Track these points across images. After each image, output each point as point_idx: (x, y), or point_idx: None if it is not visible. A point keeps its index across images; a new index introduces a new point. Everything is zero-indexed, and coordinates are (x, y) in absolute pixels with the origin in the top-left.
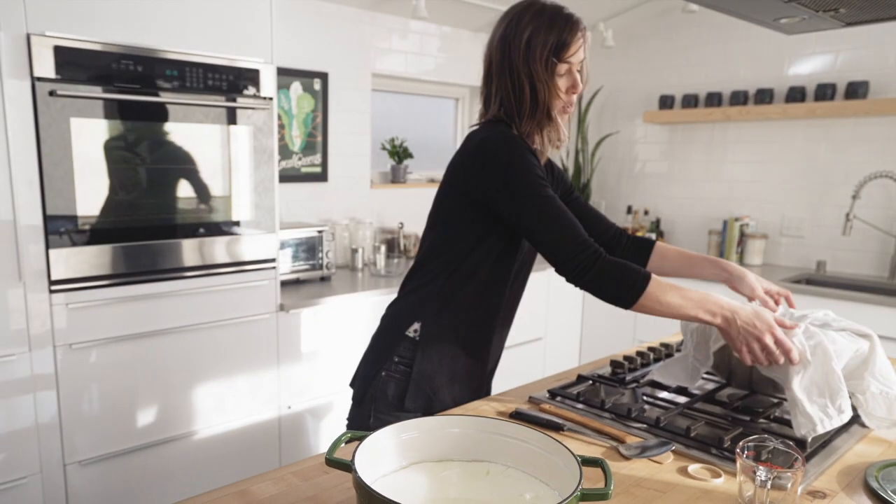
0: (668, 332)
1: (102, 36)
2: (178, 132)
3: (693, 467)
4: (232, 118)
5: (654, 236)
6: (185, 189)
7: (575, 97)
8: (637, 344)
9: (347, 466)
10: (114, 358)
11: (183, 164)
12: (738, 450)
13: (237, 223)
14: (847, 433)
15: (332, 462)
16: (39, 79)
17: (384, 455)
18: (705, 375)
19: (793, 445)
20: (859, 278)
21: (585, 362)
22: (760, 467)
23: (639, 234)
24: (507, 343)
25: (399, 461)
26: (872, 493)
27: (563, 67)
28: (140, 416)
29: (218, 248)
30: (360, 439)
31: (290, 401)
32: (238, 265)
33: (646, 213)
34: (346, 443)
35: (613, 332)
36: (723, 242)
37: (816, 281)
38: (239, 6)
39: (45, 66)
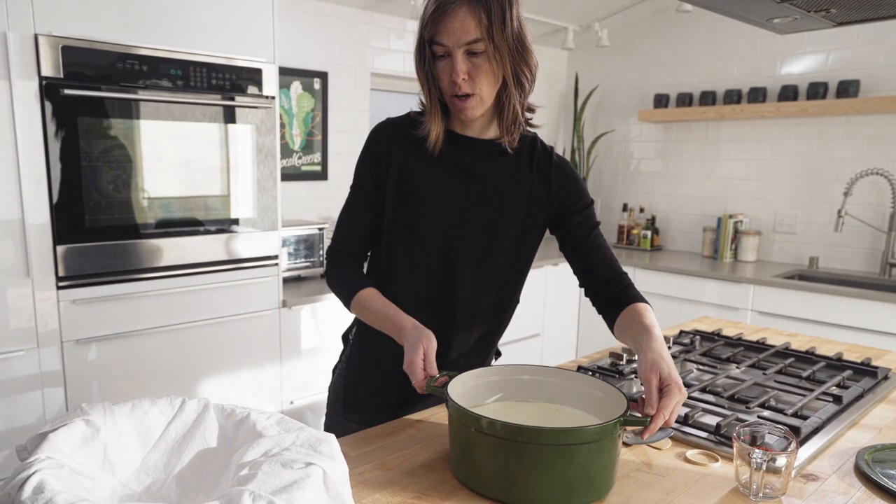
0: (663, 326)
1: (108, 36)
2: (183, 131)
3: (691, 452)
4: (234, 117)
5: (648, 234)
6: (189, 187)
7: (465, 84)
8: None
9: (442, 394)
10: (120, 354)
11: (187, 163)
12: (734, 435)
13: (240, 221)
14: (838, 420)
15: (430, 390)
16: (46, 78)
17: (473, 392)
18: (700, 367)
19: (787, 430)
20: (851, 274)
21: (583, 357)
22: (756, 451)
23: (634, 231)
24: (505, 339)
25: (486, 397)
26: (863, 475)
27: (437, 49)
28: None
29: (221, 246)
30: (451, 377)
31: (292, 396)
32: (241, 262)
33: (641, 210)
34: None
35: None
36: (717, 240)
37: (809, 277)
38: (242, 6)
39: (52, 66)
